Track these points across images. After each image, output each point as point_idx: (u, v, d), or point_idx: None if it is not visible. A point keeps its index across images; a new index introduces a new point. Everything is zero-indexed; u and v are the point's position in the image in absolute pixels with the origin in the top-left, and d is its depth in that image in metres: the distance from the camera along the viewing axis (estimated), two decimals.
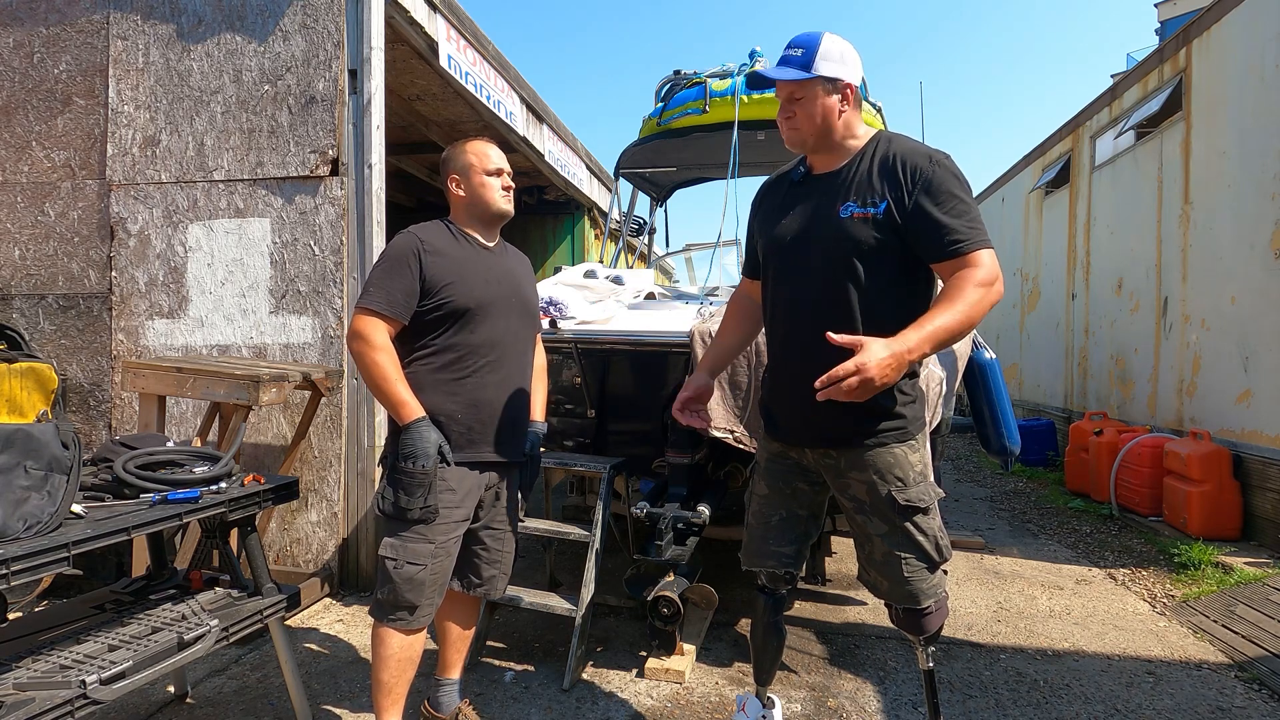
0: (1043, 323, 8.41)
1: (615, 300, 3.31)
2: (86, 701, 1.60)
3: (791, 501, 1.97)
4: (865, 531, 1.85)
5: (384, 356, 1.94)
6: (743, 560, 2.08)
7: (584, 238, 9.01)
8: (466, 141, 2.17)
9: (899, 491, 1.78)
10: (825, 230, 1.77)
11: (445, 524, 1.99)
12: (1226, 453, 4.52)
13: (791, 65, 1.78)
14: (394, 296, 1.96)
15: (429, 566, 1.97)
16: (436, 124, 6.20)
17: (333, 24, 3.52)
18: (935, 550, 1.81)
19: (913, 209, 1.69)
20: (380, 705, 2.03)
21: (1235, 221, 4.69)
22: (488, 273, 2.10)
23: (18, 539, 1.55)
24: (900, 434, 1.80)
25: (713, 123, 4.10)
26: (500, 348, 2.10)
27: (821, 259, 1.77)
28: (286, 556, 3.57)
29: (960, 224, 1.65)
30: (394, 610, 1.98)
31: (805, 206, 1.85)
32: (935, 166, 1.70)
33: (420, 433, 1.91)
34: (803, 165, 1.93)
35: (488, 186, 2.12)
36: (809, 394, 1.71)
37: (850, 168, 1.81)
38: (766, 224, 1.93)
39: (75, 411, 3.72)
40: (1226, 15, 4.83)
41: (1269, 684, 2.65)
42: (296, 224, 3.57)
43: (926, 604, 1.83)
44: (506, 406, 2.12)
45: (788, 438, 1.93)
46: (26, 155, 3.79)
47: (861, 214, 1.72)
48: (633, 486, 3.21)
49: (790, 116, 1.81)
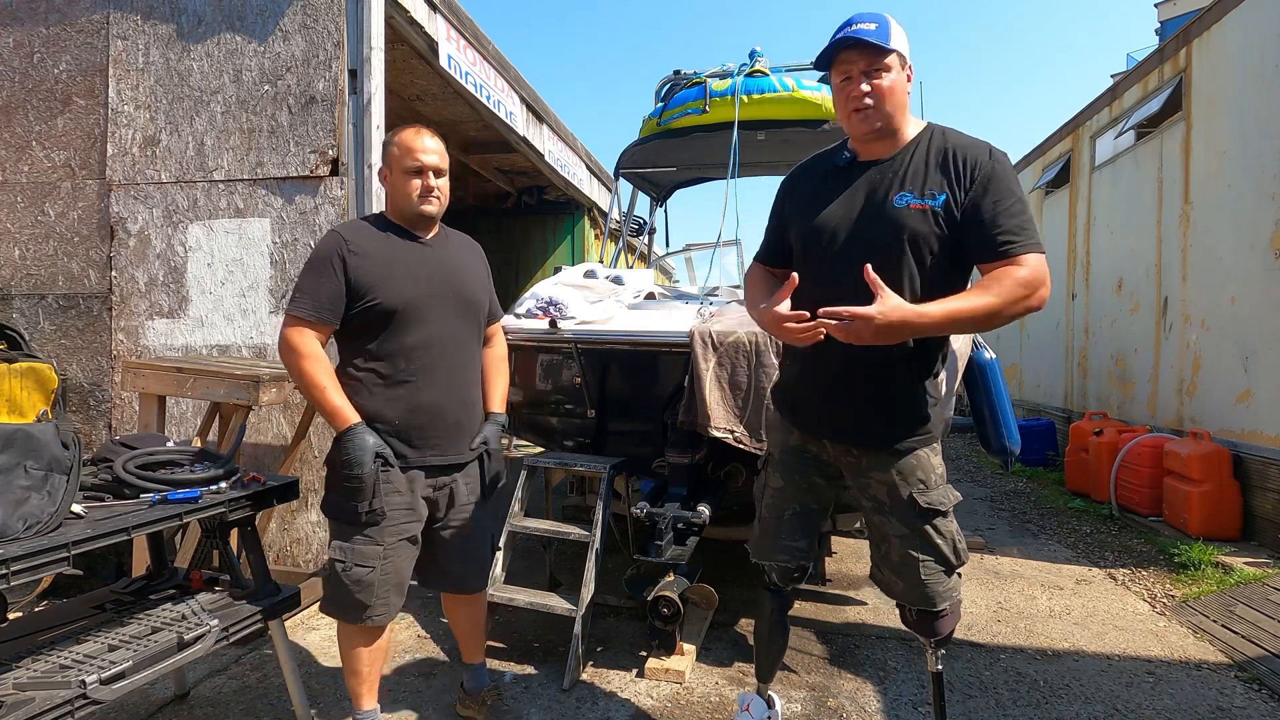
0: (1043, 323, 8.40)
1: (615, 300, 3.31)
2: (86, 701, 1.60)
3: (807, 495, 1.95)
4: (883, 532, 1.83)
5: (313, 364, 1.89)
6: (753, 554, 2.05)
7: (584, 238, 9.01)
8: (400, 130, 2.05)
9: (921, 494, 1.76)
10: (878, 219, 1.69)
11: (394, 525, 1.98)
12: (1226, 453, 4.52)
13: (867, 36, 1.66)
14: (320, 301, 1.91)
15: (377, 568, 1.96)
16: (437, 124, 6.20)
17: (333, 24, 3.52)
18: (953, 553, 1.80)
19: (971, 204, 1.63)
20: (356, 691, 2.08)
21: (1235, 221, 4.69)
22: (419, 269, 2.03)
23: (18, 539, 1.55)
24: (927, 437, 1.79)
25: (713, 123, 4.10)
26: (437, 347, 2.04)
27: (872, 248, 1.67)
28: (286, 556, 3.57)
29: (1015, 224, 1.61)
30: (346, 611, 1.98)
31: (853, 193, 1.75)
32: (996, 163, 1.65)
33: (356, 440, 1.87)
34: (847, 150, 1.82)
35: (405, 185, 2.01)
36: (849, 390, 1.73)
37: (904, 156, 1.72)
38: (804, 210, 1.81)
39: (75, 411, 3.72)
40: (1226, 15, 4.83)
41: (1269, 684, 2.65)
42: (296, 224, 3.57)
43: (942, 606, 1.82)
44: (448, 408, 2.07)
45: (814, 430, 1.88)
46: (26, 155, 3.79)
47: (919, 205, 1.65)
48: (633, 486, 3.21)
49: (869, 91, 1.67)
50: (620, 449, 3.12)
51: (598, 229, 9.31)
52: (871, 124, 1.70)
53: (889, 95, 1.68)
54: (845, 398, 1.78)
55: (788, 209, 1.90)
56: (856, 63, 1.68)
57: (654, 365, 2.97)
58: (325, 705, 2.47)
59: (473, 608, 2.32)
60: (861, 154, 1.79)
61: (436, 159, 2.04)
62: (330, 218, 3.52)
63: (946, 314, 1.54)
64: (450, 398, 2.08)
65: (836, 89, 1.75)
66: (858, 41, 1.66)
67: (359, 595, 1.96)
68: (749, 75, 4.05)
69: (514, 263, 9.18)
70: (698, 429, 2.72)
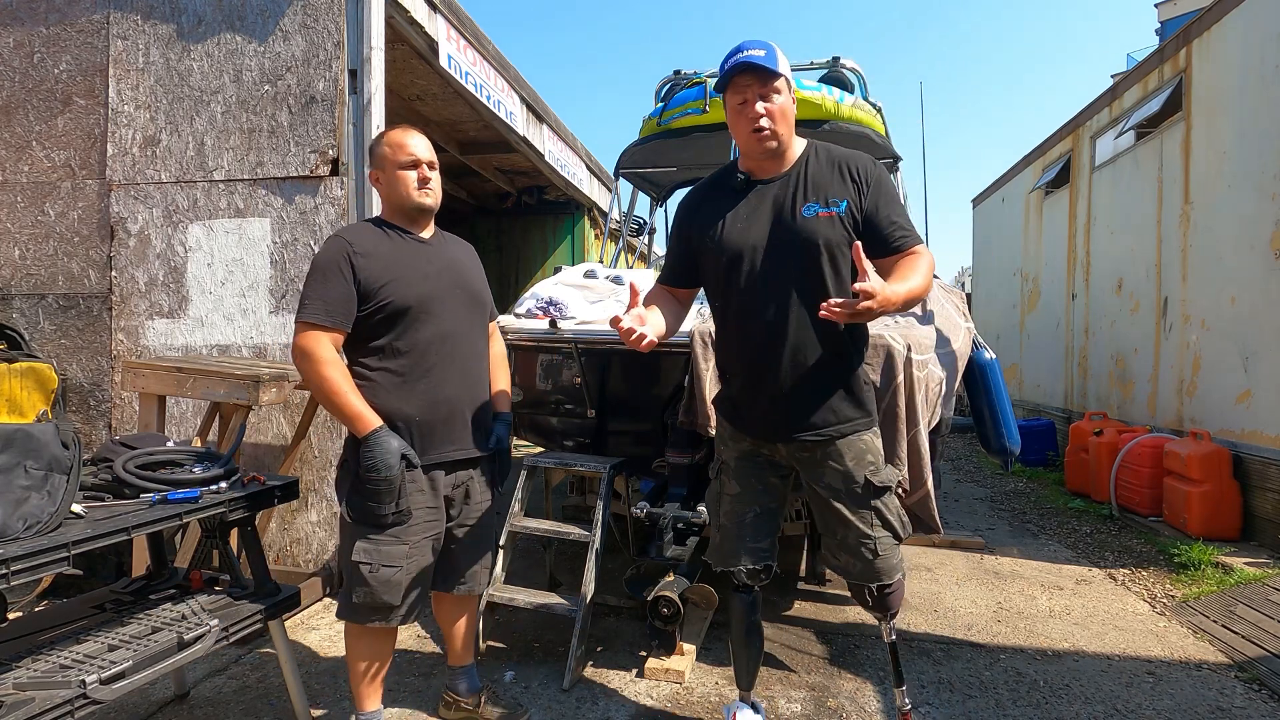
0: (1043, 323, 8.40)
1: (615, 300, 3.31)
2: (86, 701, 1.60)
3: (764, 497, 2.04)
4: (840, 516, 1.94)
5: (331, 370, 1.88)
6: (716, 562, 2.12)
7: (584, 238, 9.01)
8: (386, 131, 2.07)
9: (874, 474, 1.92)
10: (792, 230, 1.83)
11: (418, 524, 1.98)
12: (1226, 453, 4.52)
13: (759, 62, 1.79)
14: (332, 305, 1.90)
15: (404, 567, 1.96)
16: (437, 124, 6.20)
17: (333, 24, 3.52)
18: (900, 525, 1.97)
19: (869, 208, 1.83)
20: (360, 693, 2.06)
21: (1235, 221, 4.69)
22: (426, 266, 2.04)
23: (18, 539, 1.55)
24: (869, 421, 1.96)
25: (713, 123, 4.10)
26: (451, 341, 2.05)
27: (792, 257, 1.83)
28: (286, 556, 3.57)
29: (904, 221, 1.86)
30: (371, 613, 1.97)
31: (759, 210, 1.88)
32: (879, 170, 1.88)
33: (380, 443, 1.86)
34: (740, 172, 1.95)
35: (401, 180, 2.03)
36: (798, 391, 1.87)
37: (798, 171, 1.89)
38: (713, 231, 1.91)
39: (75, 411, 3.72)
40: (1226, 15, 4.83)
41: (1269, 684, 2.65)
42: (296, 224, 3.57)
43: (895, 579, 1.98)
44: (467, 400, 2.09)
45: (764, 434, 1.98)
46: (26, 155, 3.79)
47: (826, 213, 1.82)
48: (633, 486, 3.21)
49: (765, 113, 1.81)
50: (620, 449, 3.12)
51: (598, 229, 9.30)
52: (769, 144, 1.85)
53: (781, 117, 1.84)
54: (796, 396, 1.89)
55: (694, 233, 1.99)
56: (751, 86, 1.82)
57: (654, 365, 2.97)
58: (325, 705, 2.46)
59: (472, 608, 2.32)
60: (756, 173, 1.94)
61: (428, 153, 2.07)
62: (330, 218, 3.53)
63: (908, 292, 1.70)
64: (467, 391, 2.10)
65: (733, 111, 1.89)
66: (751, 65, 1.80)
67: (386, 596, 1.95)
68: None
69: (514, 263, 9.19)
70: (698, 429, 2.72)
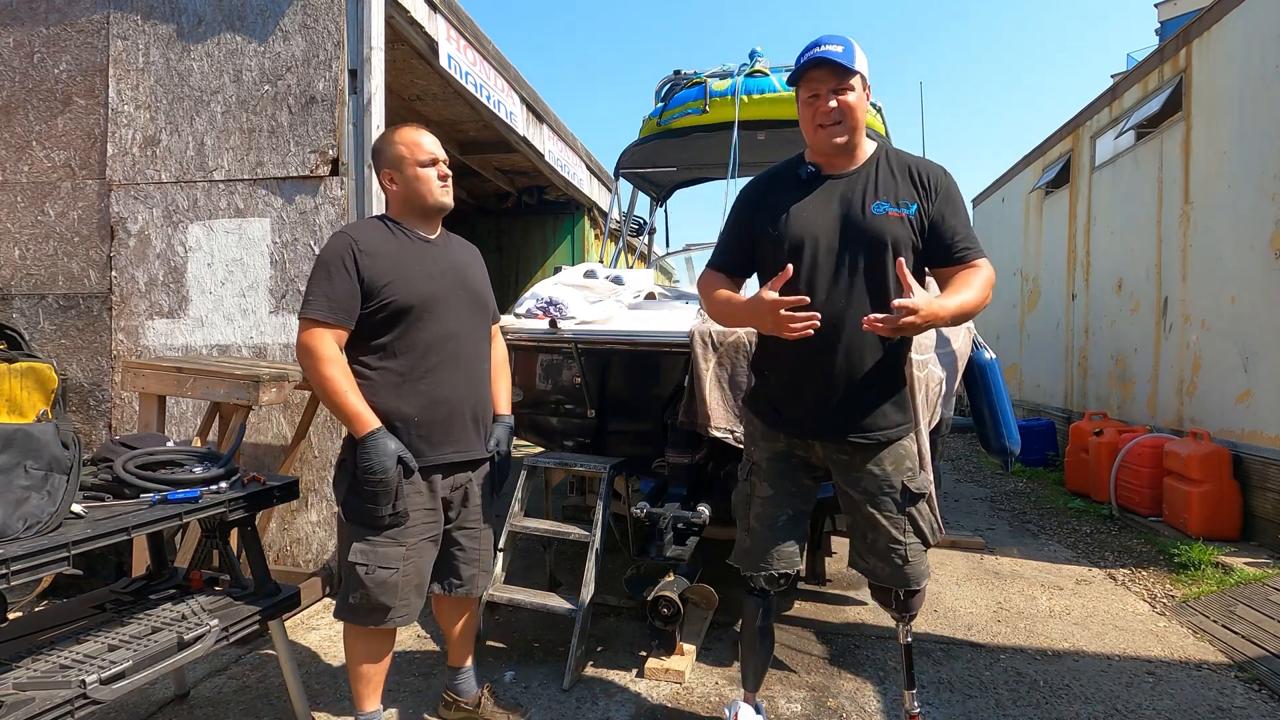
0: (1043, 323, 8.40)
1: (615, 300, 3.31)
2: (86, 701, 1.60)
3: (797, 499, 2.02)
4: (872, 520, 1.92)
5: (333, 369, 1.86)
6: (744, 567, 2.08)
7: (584, 238, 9.00)
8: (395, 131, 2.05)
9: (910, 480, 1.91)
10: (861, 226, 1.81)
11: (416, 526, 1.97)
12: (1226, 453, 4.52)
13: (835, 58, 1.79)
14: (335, 302, 1.89)
15: (401, 569, 1.95)
16: (437, 124, 6.20)
17: (333, 24, 3.52)
18: (931, 531, 1.97)
19: (935, 215, 1.83)
20: (360, 693, 2.05)
21: (1235, 221, 4.69)
22: (431, 266, 2.03)
23: (18, 539, 1.55)
24: (909, 426, 1.94)
25: (713, 123, 4.10)
26: (454, 342, 2.04)
27: (860, 253, 1.81)
28: (286, 556, 3.57)
29: (970, 233, 1.85)
30: (368, 614, 1.96)
31: (827, 204, 1.86)
32: (950, 180, 1.88)
33: (378, 445, 1.85)
34: (808, 165, 1.92)
35: (422, 179, 2.01)
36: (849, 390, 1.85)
37: (869, 169, 1.88)
38: (780, 220, 1.88)
39: (75, 411, 3.72)
40: (1226, 15, 4.83)
41: (1269, 684, 2.65)
42: (296, 224, 3.57)
43: (922, 584, 1.97)
44: (467, 402, 2.07)
45: (805, 432, 1.94)
46: (26, 155, 3.79)
47: (896, 212, 1.81)
48: (633, 486, 3.21)
49: (836, 108, 1.81)
50: (620, 449, 3.12)
51: (598, 229, 9.30)
52: (839, 138, 1.83)
53: (853, 112, 1.82)
54: (846, 395, 1.86)
55: (757, 220, 1.96)
56: (825, 81, 1.81)
57: (654, 365, 2.97)
58: (325, 705, 2.46)
59: (472, 609, 2.32)
60: (826, 167, 1.91)
61: (442, 151, 2.07)
62: (330, 218, 3.53)
63: (960, 306, 1.70)
64: (468, 393, 2.08)
65: (803, 104, 1.88)
66: (826, 61, 1.78)
67: (382, 598, 1.94)
68: (749, 75, 4.05)
69: (514, 263, 9.18)
70: (698, 429, 2.72)
